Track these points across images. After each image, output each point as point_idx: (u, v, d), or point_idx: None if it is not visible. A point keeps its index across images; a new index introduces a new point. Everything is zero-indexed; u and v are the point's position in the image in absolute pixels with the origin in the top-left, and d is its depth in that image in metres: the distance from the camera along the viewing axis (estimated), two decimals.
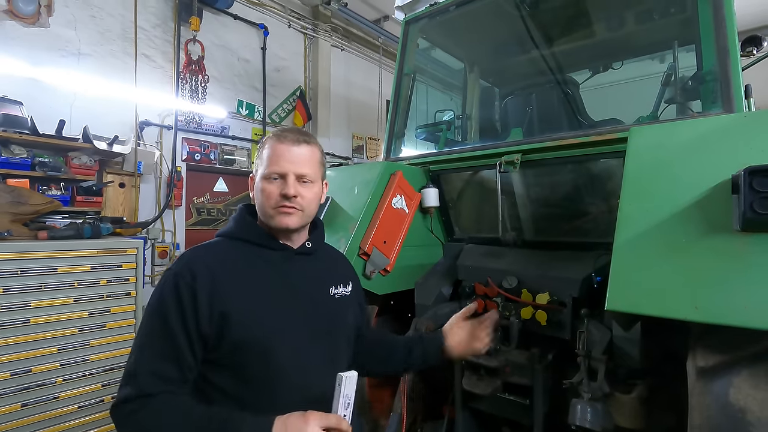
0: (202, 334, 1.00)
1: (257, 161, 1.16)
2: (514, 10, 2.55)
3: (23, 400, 2.44)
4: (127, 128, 4.19)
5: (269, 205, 1.11)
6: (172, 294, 1.01)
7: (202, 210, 5.16)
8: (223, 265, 1.07)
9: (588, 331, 1.68)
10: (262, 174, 1.13)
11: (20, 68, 3.51)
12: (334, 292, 1.24)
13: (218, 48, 5.06)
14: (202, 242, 1.16)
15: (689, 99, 2.04)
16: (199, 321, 0.99)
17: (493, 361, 1.83)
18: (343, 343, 1.23)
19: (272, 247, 1.15)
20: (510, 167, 2.08)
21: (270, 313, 1.08)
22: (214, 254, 1.10)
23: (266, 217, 1.13)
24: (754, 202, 1.05)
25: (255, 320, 1.04)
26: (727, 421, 1.07)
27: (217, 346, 1.01)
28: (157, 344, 0.99)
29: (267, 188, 1.11)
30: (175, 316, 0.99)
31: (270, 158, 1.12)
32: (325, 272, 1.25)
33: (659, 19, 2.50)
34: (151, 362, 0.98)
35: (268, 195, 1.11)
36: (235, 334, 1.01)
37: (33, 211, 2.92)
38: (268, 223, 1.14)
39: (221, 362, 1.03)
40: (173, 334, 0.98)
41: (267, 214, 1.12)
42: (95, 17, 4.02)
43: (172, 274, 1.04)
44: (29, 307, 2.47)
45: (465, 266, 2.26)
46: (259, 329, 1.04)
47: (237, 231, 1.17)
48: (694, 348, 1.22)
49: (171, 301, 1.00)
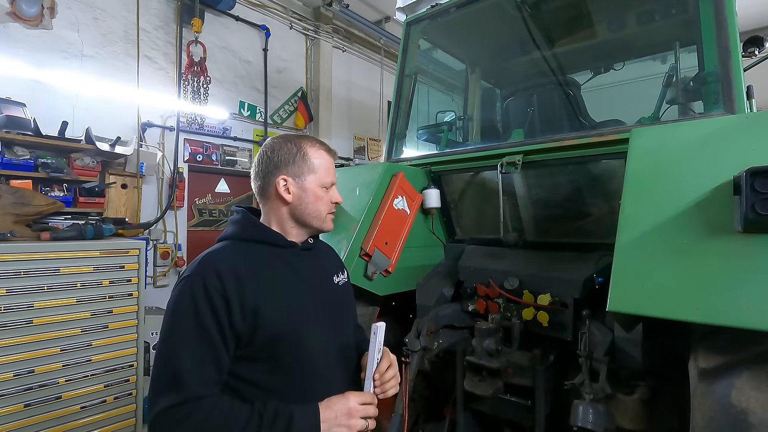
0: (236, 333, 1.04)
1: (303, 166, 1.20)
2: (516, 12, 2.55)
3: (26, 400, 2.44)
4: (130, 129, 4.20)
5: (325, 210, 1.24)
6: (203, 298, 1.02)
7: (204, 211, 5.17)
8: (245, 266, 1.11)
9: (590, 332, 1.68)
10: (320, 182, 1.22)
11: (23, 70, 3.52)
12: (337, 280, 1.33)
13: (220, 49, 5.08)
14: (209, 247, 1.18)
15: (691, 100, 2.04)
16: (232, 321, 1.03)
17: (495, 362, 1.83)
18: (351, 325, 1.35)
19: (282, 245, 1.21)
20: (511, 168, 2.08)
21: (295, 305, 1.14)
22: (232, 256, 1.13)
23: (317, 221, 1.23)
24: (756, 203, 1.05)
25: (285, 312, 1.11)
26: (729, 423, 1.07)
27: (251, 341, 1.06)
28: (196, 349, 0.99)
29: (324, 195, 1.23)
30: (210, 319, 1.01)
31: (326, 168, 1.24)
32: (326, 263, 1.34)
33: (661, 19, 2.49)
34: (195, 367, 0.98)
35: (325, 201, 1.23)
36: (269, 327, 1.07)
37: (36, 212, 2.93)
38: (318, 226, 1.24)
39: (254, 356, 1.07)
40: (211, 338, 1.00)
41: (320, 218, 1.24)
42: (98, 19, 4.03)
43: (199, 278, 1.04)
44: (32, 308, 2.48)
45: (466, 267, 2.26)
46: (291, 320, 1.11)
47: (248, 233, 1.20)
48: (696, 349, 1.21)
49: (204, 304, 1.01)
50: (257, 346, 1.06)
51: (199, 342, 1.00)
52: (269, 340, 1.07)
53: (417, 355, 1.94)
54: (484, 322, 1.99)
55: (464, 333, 2.17)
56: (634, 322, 1.52)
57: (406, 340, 2.01)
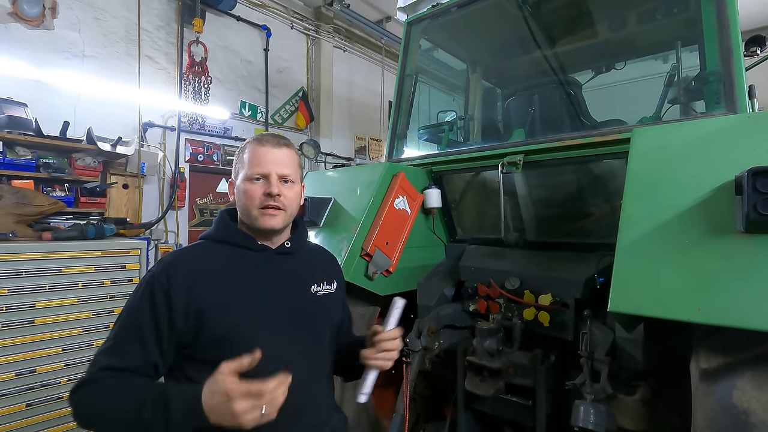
0: (176, 332, 1.04)
1: (237, 165, 1.19)
2: (517, 11, 2.55)
3: (28, 400, 2.45)
4: (131, 129, 4.20)
5: (253, 206, 1.13)
6: (146, 295, 1.05)
7: (205, 211, 5.17)
8: (202, 266, 1.11)
9: (591, 332, 1.67)
10: (245, 175, 1.15)
11: (25, 70, 3.53)
12: (316, 290, 1.26)
13: (221, 49, 5.08)
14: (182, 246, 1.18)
15: (692, 99, 2.04)
16: (173, 320, 1.03)
17: (496, 362, 1.83)
18: (326, 337, 1.26)
19: (252, 248, 1.17)
20: (512, 168, 2.08)
21: (247, 310, 1.10)
22: (193, 256, 1.14)
23: (250, 219, 1.15)
24: (758, 203, 1.04)
25: (231, 316, 1.07)
26: (730, 423, 1.07)
27: (194, 341, 1.05)
28: (123, 339, 1.03)
29: (250, 189, 1.13)
30: (146, 315, 1.03)
31: (251, 160, 1.14)
32: (305, 271, 1.27)
33: (662, 19, 2.49)
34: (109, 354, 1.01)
35: (251, 195, 1.13)
36: (211, 330, 1.05)
37: (37, 212, 2.93)
38: (253, 224, 1.16)
39: (200, 357, 1.06)
40: (141, 332, 1.02)
41: (251, 215, 1.14)
42: (99, 19, 4.04)
43: (150, 276, 1.08)
44: (34, 308, 2.49)
45: (467, 267, 2.25)
46: (236, 324, 1.07)
47: (218, 234, 1.19)
48: (697, 349, 1.21)
49: (145, 301, 1.04)
50: (202, 346, 1.06)
51: (129, 334, 1.03)
52: (214, 341, 1.05)
53: (418, 355, 1.94)
54: (485, 322, 1.98)
55: (465, 333, 2.17)
56: (635, 323, 1.51)
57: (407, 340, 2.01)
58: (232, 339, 1.06)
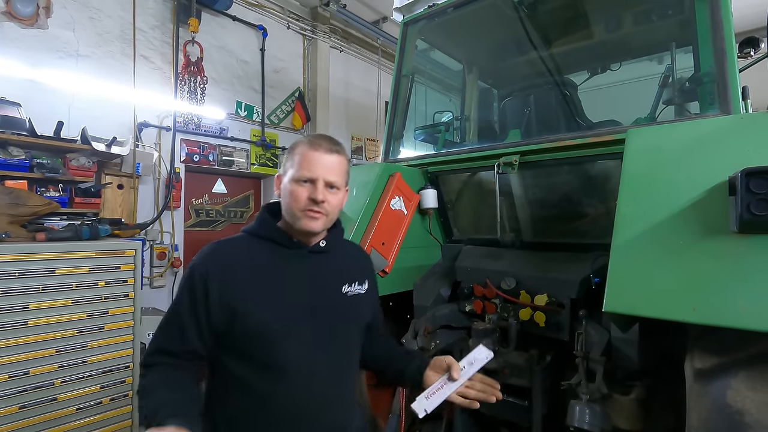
0: (211, 323, 1.10)
1: (287, 164, 1.20)
2: (513, 12, 2.55)
3: (21, 402, 2.43)
4: (126, 129, 4.18)
5: (297, 207, 1.15)
6: (186, 285, 1.13)
7: (201, 211, 5.15)
8: (239, 260, 1.15)
9: (586, 332, 1.68)
10: (293, 176, 1.16)
11: (18, 69, 3.50)
12: (347, 290, 1.27)
13: (217, 49, 5.06)
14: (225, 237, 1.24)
15: (687, 100, 2.05)
16: (209, 310, 1.10)
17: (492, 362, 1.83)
18: (355, 338, 1.29)
19: (287, 246, 1.20)
20: (508, 168, 2.09)
21: (277, 308, 1.13)
22: (231, 249, 1.19)
23: (292, 218, 1.17)
24: (751, 204, 1.05)
25: (262, 314, 1.11)
26: (725, 423, 1.07)
27: (227, 332, 1.11)
28: (167, 324, 1.14)
29: (296, 191, 1.15)
30: (186, 304, 1.11)
31: (301, 163, 1.15)
32: (338, 270, 1.28)
33: (657, 20, 2.50)
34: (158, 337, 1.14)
35: (296, 197, 1.14)
36: (242, 326, 1.10)
37: (31, 212, 2.91)
38: (294, 224, 1.17)
39: (234, 348, 1.12)
40: (181, 319, 1.11)
41: (294, 215, 1.16)
42: (93, 18, 4.01)
43: (191, 266, 1.15)
44: (27, 309, 2.46)
45: (463, 267, 2.26)
46: (266, 323, 1.11)
47: (257, 229, 1.23)
48: (692, 350, 1.22)
49: (186, 291, 1.12)
50: (234, 339, 1.11)
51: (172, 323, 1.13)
52: (244, 336, 1.10)
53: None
54: (481, 322, 1.99)
55: (461, 333, 2.17)
56: (630, 323, 1.52)
57: (403, 341, 2.01)
58: (261, 337, 1.10)
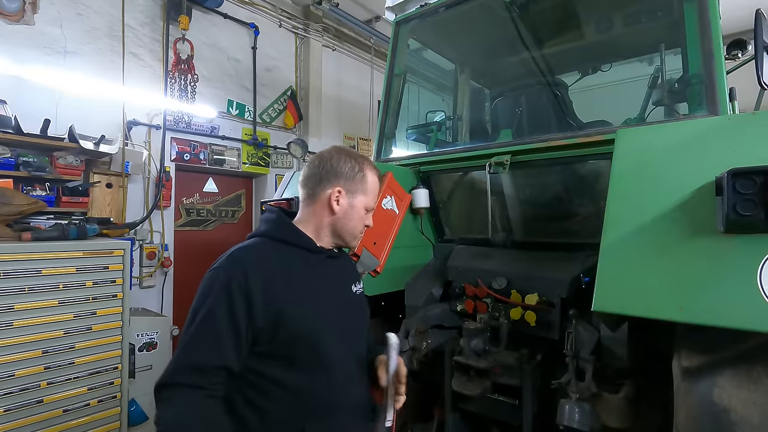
0: (254, 331, 1.08)
1: (356, 183, 1.27)
2: (504, 12, 2.56)
3: (6, 404, 2.39)
4: (115, 128, 4.12)
5: (357, 230, 1.29)
6: (224, 296, 1.07)
7: (192, 210, 5.10)
8: (274, 265, 1.16)
9: (576, 331, 1.69)
10: (364, 203, 1.28)
11: (4, 66, 3.43)
12: (356, 289, 1.37)
13: (208, 47, 5.01)
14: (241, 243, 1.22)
15: (675, 101, 2.07)
16: (252, 319, 1.07)
17: (483, 361, 1.83)
18: (365, 332, 1.39)
19: (312, 250, 1.24)
20: (500, 168, 2.09)
21: (316, 308, 1.18)
22: (262, 255, 1.18)
23: (349, 237, 1.29)
24: (737, 204, 1.06)
25: (306, 315, 1.14)
26: (711, 421, 1.08)
27: (271, 339, 1.10)
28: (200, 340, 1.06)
29: (363, 218, 1.29)
30: (225, 317, 1.06)
31: (374, 192, 1.31)
32: (347, 272, 1.39)
33: (647, 22, 2.53)
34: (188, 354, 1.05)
35: (359, 222, 1.29)
36: (289, 328, 1.11)
37: (17, 211, 2.86)
38: (347, 242, 1.30)
39: (274, 354, 1.11)
40: (218, 332, 1.05)
41: (352, 236, 1.29)
42: (82, 15, 3.95)
43: (225, 276, 1.09)
44: (12, 310, 2.42)
45: (455, 267, 2.26)
46: (310, 323, 1.14)
47: (279, 233, 1.24)
48: (679, 348, 1.23)
49: (223, 302, 1.06)
50: (278, 344, 1.11)
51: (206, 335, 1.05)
52: (289, 340, 1.11)
53: (405, 355, 1.94)
54: (472, 322, 1.99)
55: (453, 333, 2.17)
56: (619, 322, 1.53)
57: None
58: (305, 338, 1.13)
